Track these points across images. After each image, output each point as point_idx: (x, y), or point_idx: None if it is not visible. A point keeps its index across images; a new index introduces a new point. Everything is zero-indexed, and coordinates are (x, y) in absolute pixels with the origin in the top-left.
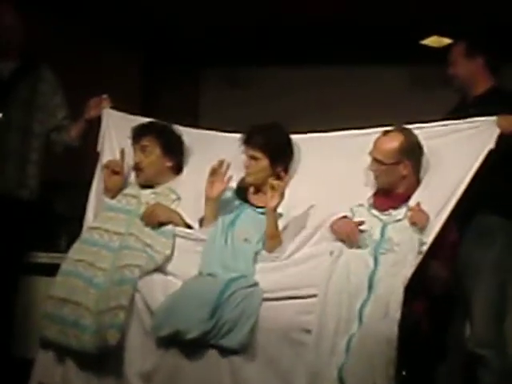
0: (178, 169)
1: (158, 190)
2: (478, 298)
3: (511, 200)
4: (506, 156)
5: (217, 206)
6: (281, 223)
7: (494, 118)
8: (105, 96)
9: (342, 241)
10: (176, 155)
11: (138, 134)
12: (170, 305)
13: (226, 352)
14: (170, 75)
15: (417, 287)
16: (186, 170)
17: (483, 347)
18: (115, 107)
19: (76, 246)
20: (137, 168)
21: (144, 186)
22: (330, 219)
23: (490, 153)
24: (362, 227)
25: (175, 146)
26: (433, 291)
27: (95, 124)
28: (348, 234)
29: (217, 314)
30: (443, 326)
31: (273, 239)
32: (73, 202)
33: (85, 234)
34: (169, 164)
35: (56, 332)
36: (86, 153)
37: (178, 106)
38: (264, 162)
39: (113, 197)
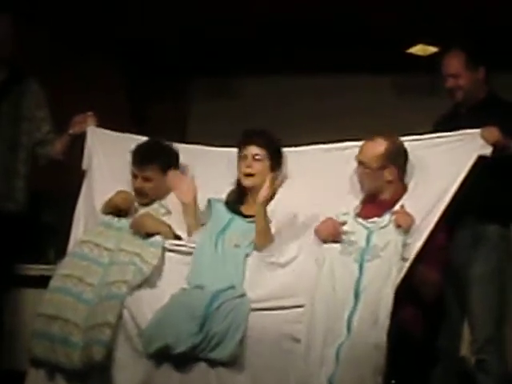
0: None
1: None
2: (479, 304)
3: (506, 208)
4: (499, 166)
5: (196, 211)
6: (272, 227)
7: (478, 130)
8: (90, 113)
9: (326, 241)
10: None
11: (141, 162)
12: (158, 319)
13: (215, 364)
14: (159, 86)
15: (406, 293)
16: None
17: (485, 352)
18: (103, 122)
19: (65, 260)
20: (139, 193)
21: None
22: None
23: (483, 162)
24: (348, 236)
25: (174, 166)
26: (424, 296)
27: (81, 138)
28: (331, 232)
29: (205, 327)
30: (434, 332)
31: (263, 235)
32: (61, 213)
33: (75, 247)
34: (166, 187)
35: (45, 350)
36: (74, 165)
37: (167, 117)
38: (266, 163)
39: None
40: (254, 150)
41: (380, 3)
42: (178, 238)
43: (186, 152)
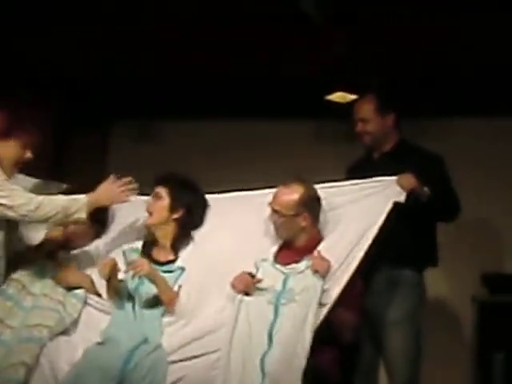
0: (99, 233)
1: (75, 251)
2: (395, 350)
3: (419, 253)
4: (411, 211)
5: (116, 283)
6: (183, 277)
7: (394, 177)
8: None
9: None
10: (101, 223)
11: None
12: (72, 377)
13: None
14: (79, 130)
15: (324, 337)
16: None
17: None
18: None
19: None
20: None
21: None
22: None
23: (397, 208)
24: (263, 284)
25: (102, 216)
26: (341, 341)
27: None
28: (242, 289)
29: None
30: (350, 375)
31: (168, 301)
32: None
33: (4, 284)
34: (93, 232)
35: None
36: None
37: (87, 160)
38: (165, 202)
39: None
40: (157, 188)
41: (300, 50)
42: (99, 295)
43: None
